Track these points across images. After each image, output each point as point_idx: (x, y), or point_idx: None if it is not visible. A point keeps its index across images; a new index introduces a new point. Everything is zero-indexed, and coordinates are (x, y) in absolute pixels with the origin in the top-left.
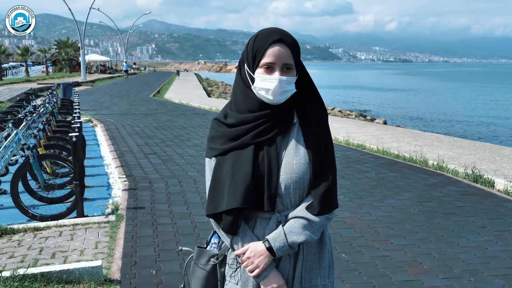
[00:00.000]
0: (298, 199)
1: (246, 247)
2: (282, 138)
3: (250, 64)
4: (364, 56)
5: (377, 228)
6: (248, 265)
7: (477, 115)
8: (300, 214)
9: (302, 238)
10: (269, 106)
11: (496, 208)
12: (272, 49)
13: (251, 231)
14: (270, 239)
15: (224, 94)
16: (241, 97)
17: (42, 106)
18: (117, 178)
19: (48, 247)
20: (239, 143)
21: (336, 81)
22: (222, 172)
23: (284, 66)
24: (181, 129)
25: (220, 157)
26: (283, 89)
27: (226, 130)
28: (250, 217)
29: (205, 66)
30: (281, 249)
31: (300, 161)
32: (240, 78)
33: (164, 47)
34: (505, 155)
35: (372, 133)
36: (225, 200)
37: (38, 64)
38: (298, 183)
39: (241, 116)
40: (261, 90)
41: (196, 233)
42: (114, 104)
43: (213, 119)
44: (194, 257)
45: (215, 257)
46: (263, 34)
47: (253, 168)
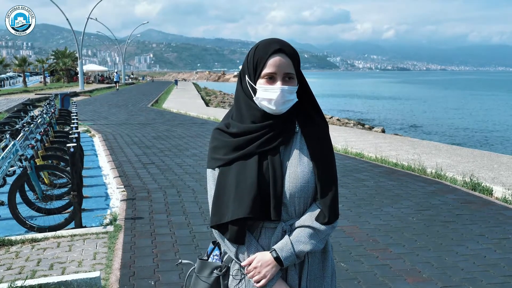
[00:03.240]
0: (303, 207)
1: (253, 257)
2: (285, 148)
3: (251, 75)
4: (362, 64)
5: (376, 237)
6: (255, 275)
7: (475, 123)
8: (306, 223)
9: (309, 247)
10: (271, 116)
11: (495, 216)
12: (273, 59)
13: (256, 241)
14: (277, 249)
15: (222, 103)
16: (243, 108)
17: (39, 117)
18: (115, 189)
19: (46, 258)
20: (243, 153)
21: (334, 89)
22: (227, 182)
23: (286, 75)
24: (180, 139)
25: (223, 167)
26: (285, 99)
27: (229, 139)
28: (255, 227)
29: (203, 75)
30: (288, 258)
31: (304, 170)
32: (242, 90)
33: (162, 56)
34: (503, 163)
35: (371, 142)
36: (230, 210)
37: (36, 75)
38: (302, 191)
39: (244, 126)
40: (263, 100)
41: (195, 243)
42: (112, 114)
43: (214, 129)
44: (196, 270)
45: (219, 269)
46: (263, 44)
47: (258, 177)
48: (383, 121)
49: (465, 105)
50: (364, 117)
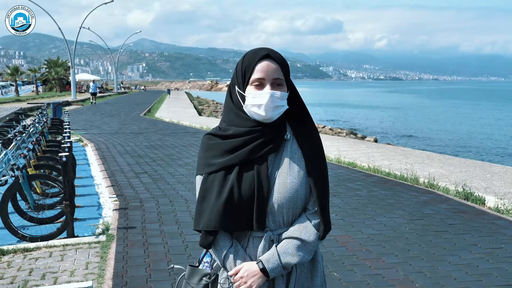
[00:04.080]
0: (291, 218)
1: (240, 266)
2: (274, 156)
3: (240, 83)
4: (354, 74)
5: (369, 247)
6: (241, 285)
7: (467, 133)
8: (294, 235)
9: (296, 259)
10: (262, 125)
11: (487, 226)
12: (261, 64)
13: (244, 250)
14: (263, 260)
15: (215, 112)
16: (233, 120)
17: (32, 126)
18: (107, 198)
19: (38, 268)
20: (230, 159)
21: (327, 99)
22: (209, 190)
23: (274, 81)
24: (172, 148)
25: (210, 174)
26: (275, 104)
27: (219, 142)
28: (243, 236)
29: (196, 84)
30: (275, 270)
31: (293, 180)
32: (231, 101)
33: (154, 66)
34: (495, 173)
35: (363, 151)
36: (204, 220)
37: (28, 84)
38: (291, 202)
39: (235, 128)
40: (253, 107)
41: (188, 253)
42: (104, 123)
43: (204, 135)
44: (186, 276)
45: (207, 276)
46: (251, 52)
47: (241, 189)
48: (376, 130)
49: (458, 115)
50: (356, 127)
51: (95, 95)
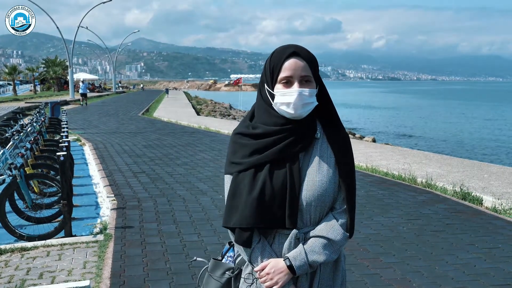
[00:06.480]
0: (318, 216)
1: (266, 262)
2: (304, 154)
3: (268, 82)
4: (353, 74)
5: (367, 246)
6: (267, 281)
7: (465, 132)
8: (321, 234)
9: (323, 258)
10: (292, 122)
11: (485, 226)
12: (288, 62)
13: (270, 247)
14: (290, 258)
15: (213, 112)
16: (264, 117)
17: (29, 125)
18: (105, 197)
19: (35, 267)
20: (260, 158)
21: None
22: (239, 187)
23: (302, 78)
24: (170, 148)
25: (240, 172)
26: (304, 102)
27: (249, 142)
28: (269, 232)
29: (195, 84)
30: (301, 267)
31: (323, 179)
32: (261, 99)
33: (153, 65)
34: (493, 173)
35: (361, 151)
36: (235, 217)
37: (26, 83)
38: (319, 200)
39: (266, 127)
40: (282, 105)
41: (185, 252)
42: (102, 122)
43: (234, 133)
44: (209, 269)
45: (231, 271)
46: (278, 50)
47: (274, 186)
48: (374, 130)
49: (455, 115)
50: (355, 127)
51: (86, 96)
